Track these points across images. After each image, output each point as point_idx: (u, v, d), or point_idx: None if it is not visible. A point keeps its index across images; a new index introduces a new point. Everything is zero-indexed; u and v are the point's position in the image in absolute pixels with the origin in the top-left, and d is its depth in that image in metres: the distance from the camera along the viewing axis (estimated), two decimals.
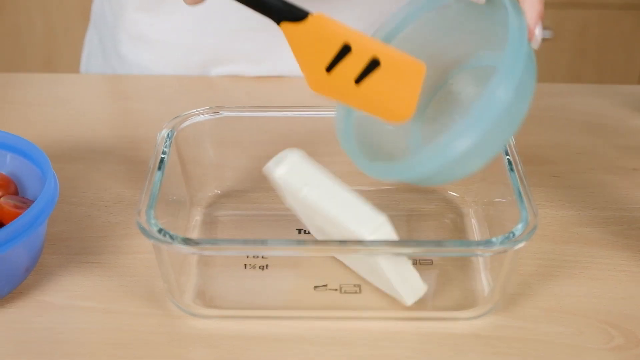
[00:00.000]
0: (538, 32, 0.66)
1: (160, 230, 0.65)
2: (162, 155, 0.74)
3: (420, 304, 0.71)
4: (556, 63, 2.06)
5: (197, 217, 0.81)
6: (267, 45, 1.04)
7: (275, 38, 1.04)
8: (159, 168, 0.72)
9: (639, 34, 2.02)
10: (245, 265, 0.74)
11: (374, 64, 0.66)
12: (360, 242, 0.65)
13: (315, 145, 0.85)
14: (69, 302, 0.71)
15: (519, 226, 0.65)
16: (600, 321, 0.69)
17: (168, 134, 0.76)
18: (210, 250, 0.66)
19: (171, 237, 0.65)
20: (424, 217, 0.80)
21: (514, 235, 0.65)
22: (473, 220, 0.80)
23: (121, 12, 1.06)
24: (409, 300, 0.69)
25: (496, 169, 0.75)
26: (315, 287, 0.72)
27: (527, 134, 0.93)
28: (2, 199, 0.73)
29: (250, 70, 1.05)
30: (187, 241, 0.64)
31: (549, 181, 0.86)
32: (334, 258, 0.73)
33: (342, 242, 0.65)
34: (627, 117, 0.98)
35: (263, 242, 0.66)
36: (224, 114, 0.80)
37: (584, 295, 0.72)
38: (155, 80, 1.05)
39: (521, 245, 0.65)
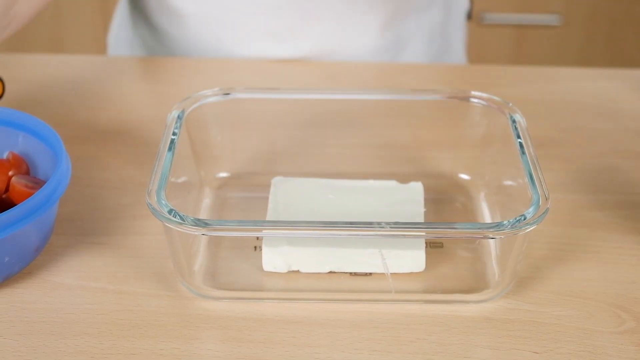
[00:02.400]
0: None
1: (170, 211, 0.65)
2: (173, 137, 0.74)
3: (430, 286, 0.71)
4: (566, 48, 2.05)
5: (207, 198, 0.80)
6: (292, 25, 1.03)
7: (302, 17, 1.04)
8: (169, 149, 0.72)
9: None
10: (255, 247, 0.73)
11: None
12: (369, 224, 0.64)
13: (324, 127, 0.85)
14: (78, 283, 0.71)
15: (531, 209, 0.65)
16: (611, 305, 0.69)
17: (178, 115, 0.76)
18: (220, 232, 0.65)
19: (181, 217, 0.64)
20: (435, 200, 0.80)
21: (525, 218, 0.64)
22: (484, 204, 0.79)
23: None
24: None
25: (508, 152, 0.75)
26: (330, 271, 0.71)
27: (538, 118, 0.93)
28: (13, 178, 0.73)
29: (276, 48, 1.05)
30: (197, 222, 0.64)
31: (560, 165, 0.86)
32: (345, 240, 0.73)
33: (352, 223, 0.65)
34: (639, 101, 0.97)
35: (274, 223, 0.66)
36: (234, 95, 0.80)
37: (595, 279, 0.72)
38: (165, 61, 1.05)
39: (532, 228, 0.64)
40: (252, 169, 0.83)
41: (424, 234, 0.66)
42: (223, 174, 0.83)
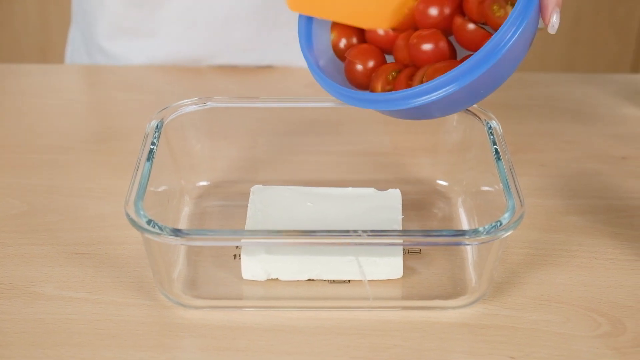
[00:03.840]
0: (555, 18, 0.66)
1: (149, 222, 0.65)
2: (152, 146, 0.74)
3: (408, 293, 0.71)
4: (549, 51, 2.05)
5: (187, 207, 0.81)
6: (256, 34, 1.04)
7: (264, 26, 1.04)
8: (148, 159, 0.72)
9: (632, 22, 2.02)
10: (235, 255, 0.74)
11: None
12: (346, 232, 0.65)
13: (303, 134, 0.85)
14: (58, 293, 0.71)
15: (506, 215, 0.66)
16: (587, 309, 0.70)
17: (157, 125, 0.76)
18: (199, 241, 0.66)
19: (160, 228, 0.65)
20: (413, 206, 0.80)
21: (500, 224, 0.65)
22: (461, 210, 0.80)
23: (103, 8, 1.06)
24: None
25: (485, 157, 0.75)
26: (309, 279, 0.72)
27: (516, 123, 0.93)
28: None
29: (238, 59, 1.06)
30: (176, 232, 0.65)
31: (537, 170, 0.86)
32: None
33: (330, 231, 0.66)
34: (617, 106, 0.98)
35: (252, 232, 0.67)
36: (213, 104, 0.80)
37: (572, 283, 0.72)
38: (146, 70, 1.05)
39: (508, 234, 0.65)
40: (232, 177, 0.83)
41: (400, 241, 0.67)
42: (203, 183, 0.83)
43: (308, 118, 0.84)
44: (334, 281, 0.72)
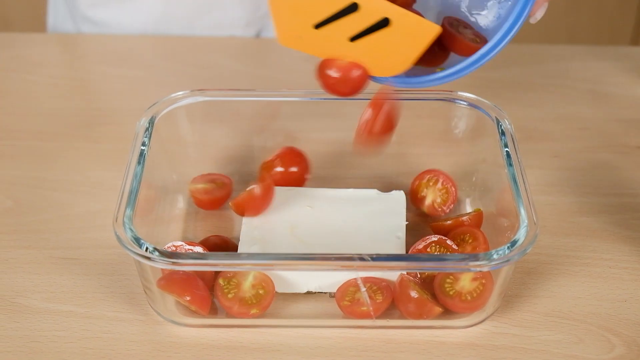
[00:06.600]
0: (539, 13, 0.64)
1: (138, 242, 0.61)
2: (142, 147, 0.70)
3: None
4: (551, 19, 1.95)
5: (181, 205, 0.77)
6: None
7: None
8: (139, 162, 0.68)
9: None
10: None
11: (382, 24, 0.62)
12: (351, 257, 0.61)
13: (299, 127, 0.81)
14: (45, 306, 0.68)
15: (520, 234, 0.62)
16: (601, 327, 0.66)
17: (148, 123, 0.72)
18: (191, 267, 0.62)
19: (152, 251, 0.61)
20: (417, 207, 0.76)
21: (513, 245, 0.61)
22: (469, 209, 0.76)
23: None
24: None
25: (495, 151, 0.71)
26: (307, 291, 0.68)
27: (527, 106, 0.89)
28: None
29: (231, 20, 1.00)
30: (171, 255, 0.61)
31: (549, 162, 0.82)
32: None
33: (331, 256, 0.62)
34: (633, 85, 0.93)
35: (248, 257, 0.63)
36: (205, 98, 0.75)
37: (584, 296, 0.69)
38: (136, 41, 1.00)
39: (521, 256, 0.61)
40: (227, 172, 0.79)
41: (407, 268, 0.63)
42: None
43: (303, 111, 0.79)
44: (334, 295, 0.68)
